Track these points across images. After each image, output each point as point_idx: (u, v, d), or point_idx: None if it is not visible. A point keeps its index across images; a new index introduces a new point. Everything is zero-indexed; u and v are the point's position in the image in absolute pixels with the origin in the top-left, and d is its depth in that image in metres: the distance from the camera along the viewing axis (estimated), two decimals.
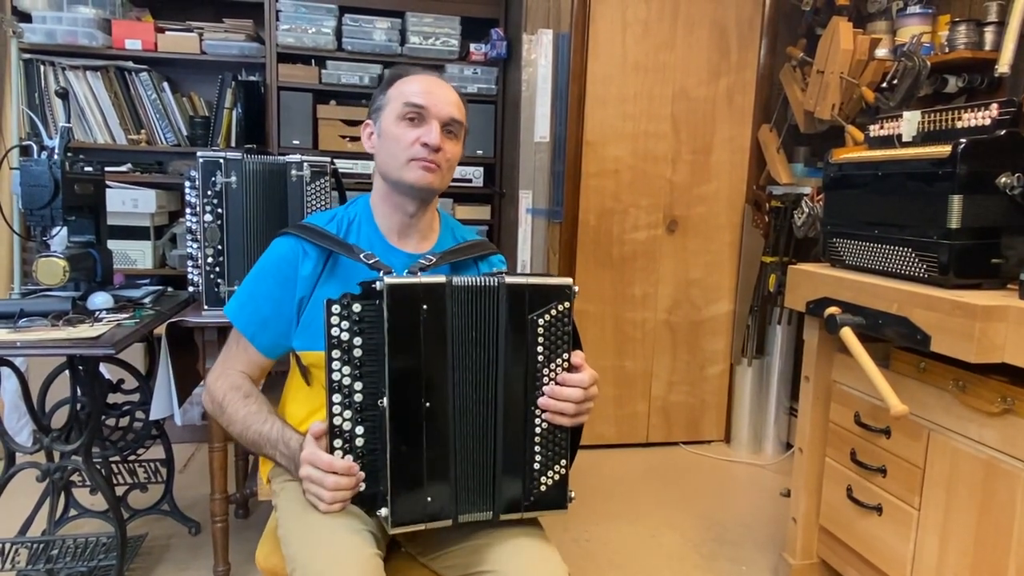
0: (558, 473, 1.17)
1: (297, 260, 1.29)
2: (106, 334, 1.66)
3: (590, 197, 3.03)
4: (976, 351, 1.42)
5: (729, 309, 3.23)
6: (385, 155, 1.30)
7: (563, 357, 1.16)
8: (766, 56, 3.09)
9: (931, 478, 1.65)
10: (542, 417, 1.15)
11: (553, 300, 1.14)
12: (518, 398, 1.14)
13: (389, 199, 1.33)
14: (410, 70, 1.34)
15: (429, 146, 1.25)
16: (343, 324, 1.08)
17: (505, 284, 1.13)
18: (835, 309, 1.77)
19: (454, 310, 1.11)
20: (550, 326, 1.14)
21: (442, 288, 1.11)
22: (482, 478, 1.13)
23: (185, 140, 2.99)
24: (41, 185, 1.78)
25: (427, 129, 1.26)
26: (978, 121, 1.62)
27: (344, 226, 1.34)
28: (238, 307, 1.32)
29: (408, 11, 3.06)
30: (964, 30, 2.32)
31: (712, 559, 2.30)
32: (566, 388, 1.15)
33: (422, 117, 1.27)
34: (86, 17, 2.80)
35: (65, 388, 2.07)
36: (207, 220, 1.87)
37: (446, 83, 1.33)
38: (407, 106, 1.27)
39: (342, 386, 1.08)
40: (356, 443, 1.09)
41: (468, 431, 1.12)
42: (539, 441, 1.15)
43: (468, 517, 1.13)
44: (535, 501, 1.16)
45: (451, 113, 1.29)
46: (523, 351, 1.13)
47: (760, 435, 3.21)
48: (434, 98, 1.28)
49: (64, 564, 1.92)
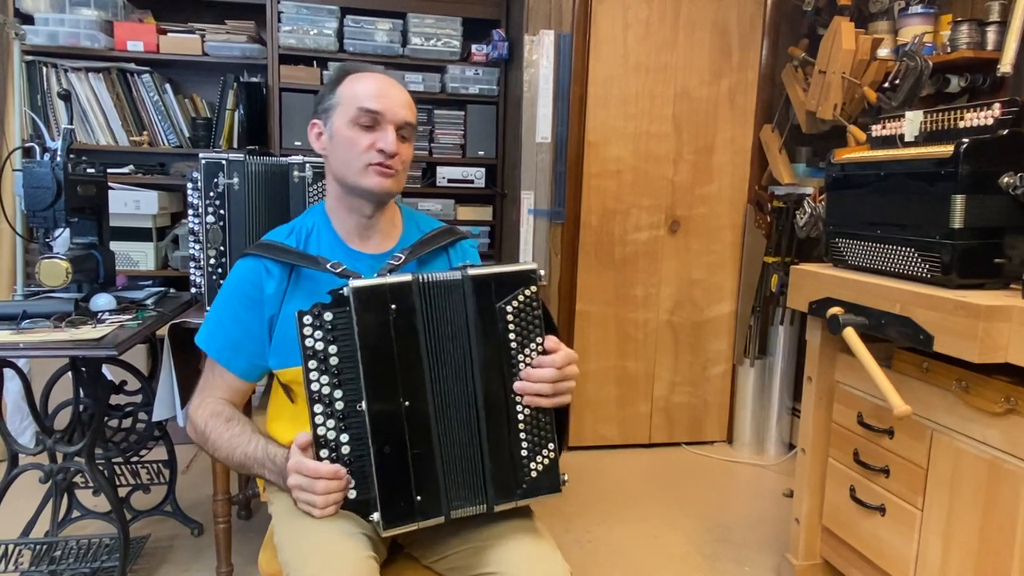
0: (547, 457, 1.16)
1: (260, 279, 1.27)
2: (109, 335, 1.66)
3: (592, 198, 3.03)
4: (979, 351, 1.42)
5: (731, 309, 3.23)
6: (339, 160, 1.27)
7: (536, 342, 1.16)
8: (768, 56, 3.09)
9: (934, 478, 1.65)
10: (522, 403, 1.14)
11: (519, 286, 1.14)
12: (497, 387, 1.14)
13: (345, 202, 1.31)
14: (359, 67, 1.31)
15: (385, 152, 1.23)
16: (316, 334, 1.08)
17: (469, 276, 1.13)
18: (838, 309, 1.77)
19: (424, 307, 1.11)
20: (519, 312, 1.14)
21: (408, 286, 1.11)
22: (471, 471, 1.13)
23: (187, 141, 3.00)
24: (44, 187, 1.78)
25: (383, 135, 1.24)
26: (980, 121, 1.62)
27: (303, 237, 1.32)
28: (208, 334, 1.31)
29: (409, 12, 3.07)
30: (966, 30, 2.32)
31: (715, 560, 2.30)
32: (539, 370, 1.14)
33: (377, 122, 1.24)
34: (88, 19, 2.81)
35: (68, 389, 2.08)
36: (209, 221, 1.87)
37: (397, 82, 1.30)
38: (361, 111, 1.24)
39: (322, 396, 1.08)
40: (342, 451, 1.09)
41: (451, 426, 1.12)
42: (523, 427, 1.15)
43: (461, 512, 1.12)
44: (527, 488, 1.15)
45: (405, 117, 1.26)
46: (495, 340, 1.13)
47: (763, 436, 3.20)
48: (389, 102, 1.25)
49: (67, 565, 1.92)
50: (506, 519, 1.21)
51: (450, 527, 1.20)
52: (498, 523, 1.20)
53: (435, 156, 3.19)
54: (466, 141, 3.21)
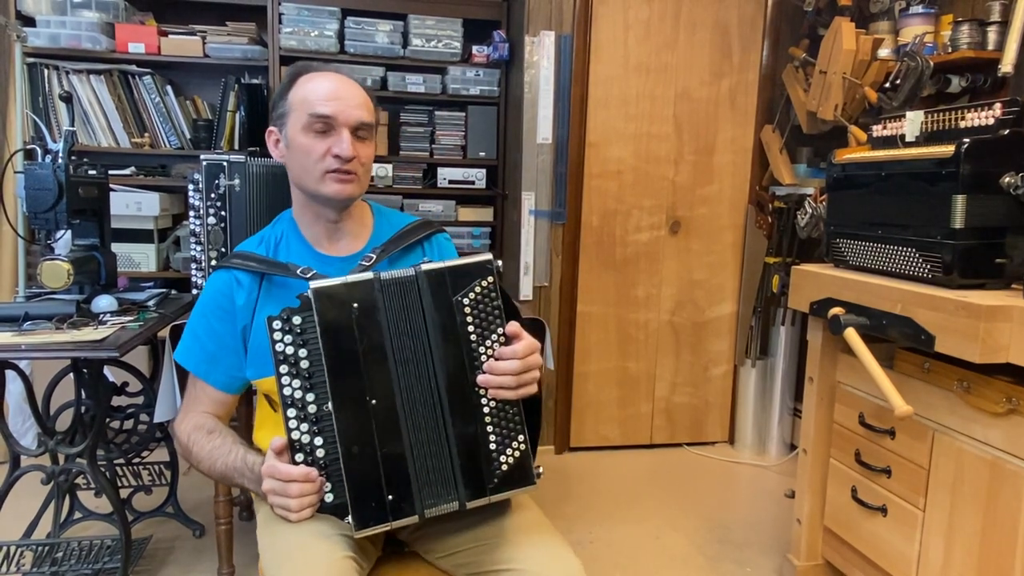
0: (517, 450, 1.14)
1: (231, 291, 1.27)
2: (110, 337, 1.66)
3: (593, 198, 3.03)
4: (980, 351, 1.42)
5: (732, 310, 3.23)
6: (297, 167, 1.26)
7: (497, 332, 1.14)
8: (768, 57, 3.09)
9: (936, 479, 1.65)
10: (487, 396, 1.13)
11: (475, 278, 1.13)
12: (460, 382, 1.12)
13: (309, 208, 1.30)
14: (309, 67, 1.28)
15: (341, 157, 1.21)
16: (286, 339, 1.08)
17: (423, 271, 1.12)
18: (839, 310, 1.77)
19: (386, 305, 1.11)
20: (476, 304, 1.13)
21: (369, 284, 1.10)
22: (441, 468, 1.11)
23: (188, 143, 3.00)
24: (45, 188, 1.79)
25: (337, 140, 1.21)
26: (981, 121, 1.62)
27: (272, 246, 1.32)
28: (185, 350, 1.30)
29: (410, 13, 3.07)
30: (967, 30, 2.32)
31: (716, 560, 2.30)
32: (502, 362, 1.12)
33: (330, 126, 1.22)
34: (90, 21, 2.81)
35: (69, 391, 2.08)
36: (210, 223, 1.88)
37: (350, 80, 1.27)
38: (313, 117, 1.21)
39: (295, 400, 1.08)
40: (317, 454, 1.08)
41: (419, 423, 1.11)
42: (490, 421, 1.13)
43: (434, 511, 1.11)
44: (499, 483, 1.13)
45: (360, 117, 1.23)
46: (455, 334, 1.12)
47: (764, 436, 3.20)
48: (340, 104, 1.22)
49: (69, 567, 1.92)
50: (516, 516, 1.21)
51: (458, 524, 1.20)
52: (508, 520, 1.20)
53: (436, 157, 3.19)
54: (467, 142, 3.21)
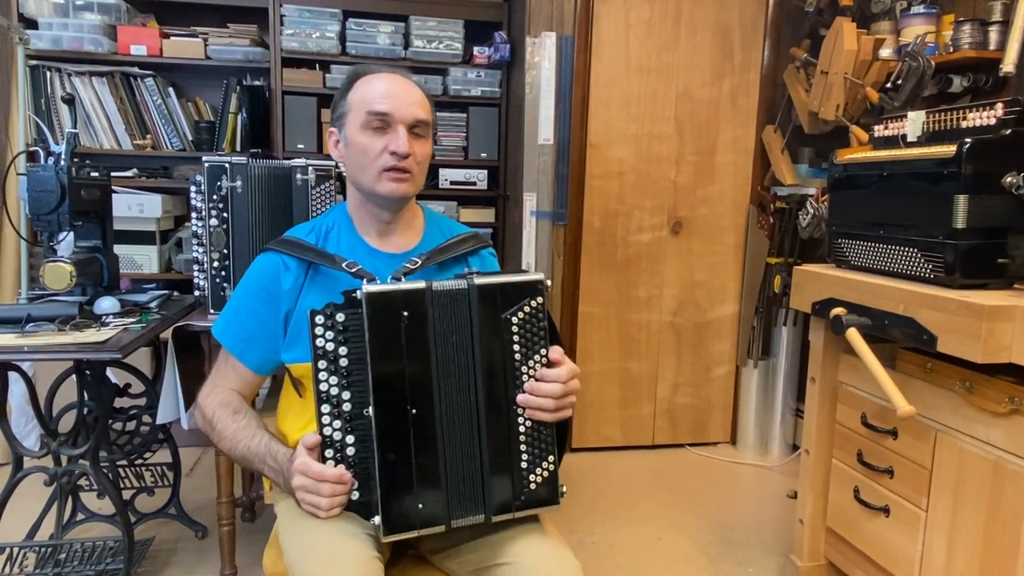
0: (546, 470, 1.16)
1: (278, 274, 1.27)
2: (113, 338, 1.66)
3: (594, 199, 3.03)
4: (983, 351, 1.41)
5: (734, 310, 3.23)
6: (354, 166, 1.27)
7: (540, 353, 1.15)
8: (770, 57, 3.09)
9: (938, 479, 1.64)
10: (524, 415, 1.14)
11: (525, 297, 1.14)
12: (499, 398, 1.13)
13: (364, 207, 1.32)
14: (369, 68, 1.30)
15: (398, 154, 1.22)
16: (327, 334, 1.08)
17: (476, 285, 1.12)
18: (841, 310, 1.77)
19: (435, 315, 1.11)
20: (524, 323, 1.14)
21: (422, 294, 1.10)
22: (472, 481, 1.12)
23: (190, 145, 3.00)
24: (48, 190, 1.79)
25: (393, 136, 1.23)
26: (983, 121, 1.61)
27: (323, 235, 1.33)
28: (224, 325, 1.31)
29: (411, 15, 3.07)
30: (968, 30, 2.32)
31: (719, 561, 2.29)
32: (544, 384, 1.14)
33: (387, 124, 1.24)
34: (92, 23, 2.82)
35: (72, 392, 2.08)
36: (213, 224, 1.88)
37: (408, 80, 1.29)
38: (370, 115, 1.23)
39: (330, 396, 1.09)
40: (347, 452, 1.09)
41: (455, 435, 1.11)
42: (524, 440, 1.14)
43: (461, 521, 1.12)
44: (526, 500, 1.15)
45: (416, 115, 1.25)
46: (500, 351, 1.13)
47: (766, 437, 3.20)
48: (397, 101, 1.24)
49: (72, 568, 1.92)
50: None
51: None
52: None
53: (437, 158, 3.19)
54: (468, 143, 3.21)
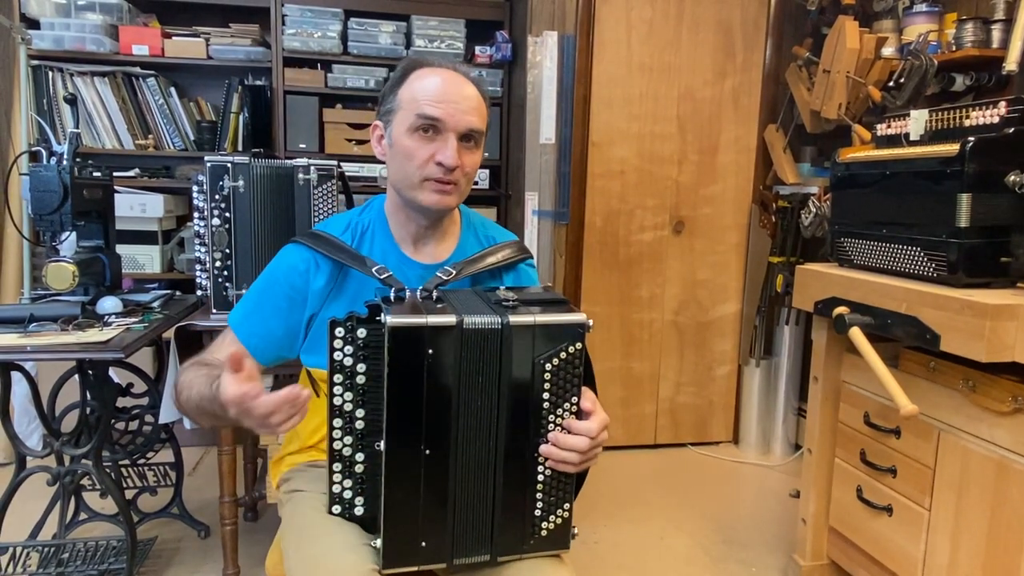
0: (560, 517, 1.11)
1: (309, 273, 1.21)
2: (115, 338, 1.66)
3: (596, 198, 3.03)
4: (986, 350, 1.41)
5: (736, 310, 3.22)
6: (397, 169, 1.19)
7: (572, 402, 1.07)
8: (772, 56, 3.08)
9: (942, 478, 1.64)
10: (545, 465, 1.08)
11: (564, 341, 1.04)
12: (520, 445, 1.06)
13: (403, 211, 1.25)
14: (424, 61, 1.19)
15: (445, 166, 1.14)
16: (346, 349, 1.03)
17: (511, 325, 1.02)
18: (844, 309, 1.76)
19: (463, 354, 1.02)
20: (558, 370, 1.05)
21: (450, 330, 1.01)
22: (480, 524, 1.07)
23: (192, 145, 3.01)
24: (50, 190, 1.79)
25: (442, 144, 1.14)
26: (986, 119, 1.61)
27: (358, 235, 1.26)
28: (243, 317, 1.24)
29: (413, 14, 3.07)
30: (971, 28, 2.31)
31: (721, 561, 2.29)
32: (571, 438, 1.05)
33: (437, 130, 1.15)
34: (93, 23, 2.82)
35: (75, 392, 2.08)
36: (215, 224, 1.88)
37: (466, 78, 1.19)
38: (421, 118, 1.14)
39: (343, 412, 1.05)
40: (355, 469, 1.06)
41: (469, 478, 1.06)
42: (541, 488, 1.08)
43: (464, 560, 1.08)
44: (535, 544, 1.11)
45: (470, 124, 1.16)
46: (528, 396, 1.05)
47: (769, 436, 3.20)
48: (452, 107, 1.14)
49: (75, 568, 1.93)
50: None
51: None
52: None
53: None
54: None
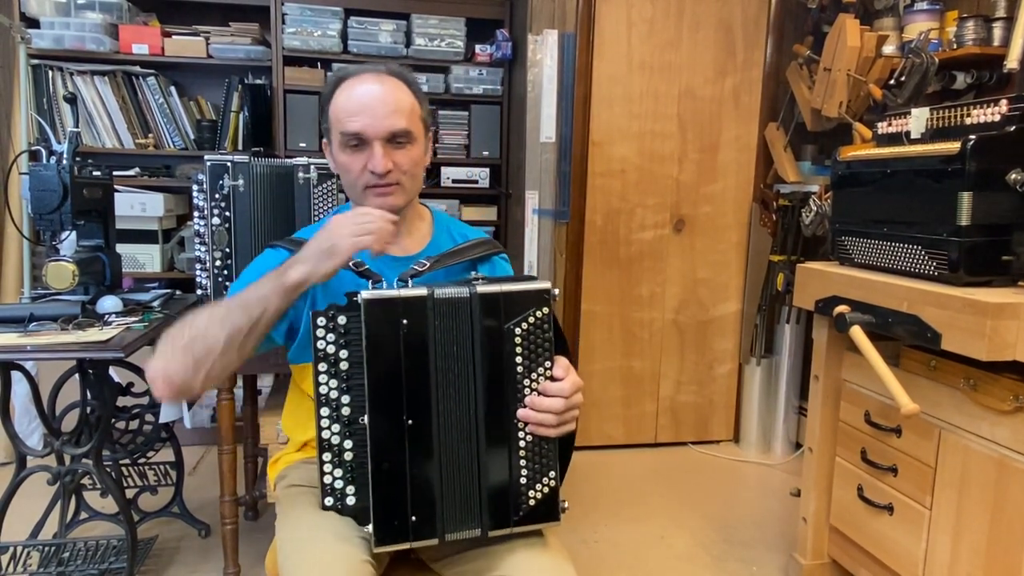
0: (547, 486, 1.13)
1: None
2: (115, 338, 1.66)
3: (597, 197, 3.03)
4: (987, 349, 1.41)
5: (737, 308, 3.22)
6: (344, 182, 1.26)
7: (544, 366, 1.12)
8: (772, 54, 3.08)
9: (943, 477, 1.64)
10: (525, 430, 1.11)
11: (530, 307, 1.10)
12: (499, 412, 1.10)
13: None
14: (348, 73, 1.23)
15: (376, 173, 1.19)
16: (329, 337, 1.06)
17: (478, 293, 1.09)
18: (844, 308, 1.76)
19: (436, 323, 1.08)
20: (528, 335, 1.10)
21: (423, 301, 1.07)
22: (468, 495, 1.10)
23: (192, 144, 3.00)
24: (50, 190, 1.79)
25: (371, 155, 1.19)
26: (987, 117, 1.61)
27: None
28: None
29: (413, 13, 3.07)
30: (972, 26, 2.30)
31: (722, 560, 2.29)
32: (546, 399, 1.10)
33: (363, 141, 1.19)
34: (93, 22, 2.82)
35: (75, 391, 2.08)
36: (215, 223, 1.88)
37: (387, 83, 1.21)
38: (345, 136, 1.20)
39: (330, 400, 1.07)
40: (345, 457, 1.07)
41: (452, 448, 1.09)
42: (524, 455, 1.11)
43: (455, 535, 1.10)
44: (524, 516, 1.12)
45: (392, 127, 1.19)
46: (501, 363, 1.10)
47: (769, 435, 3.19)
48: (368, 117, 1.18)
49: (75, 567, 1.93)
50: None
51: None
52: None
53: (439, 157, 3.19)
54: (470, 141, 3.20)
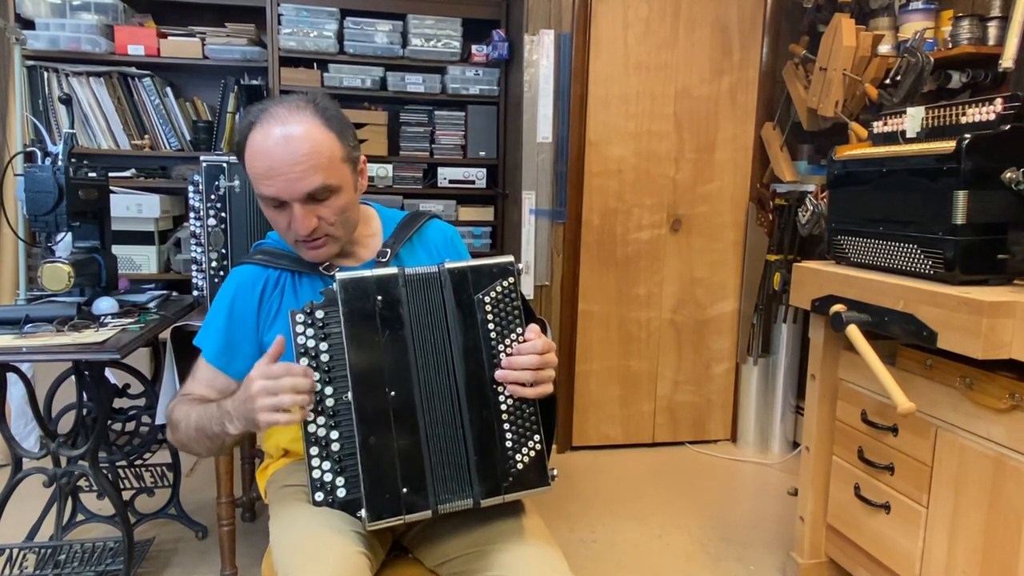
0: (533, 449, 1.15)
1: (267, 288, 1.29)
2: (111, 339, 1.66)
3: (593, 197, 3.03)
4: (983, 347, 1.41)
5: (734, 308, 3.22)
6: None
7: (516, 332, 1.17)
8: (768, 54, 3.08)
9: (939, 475, 1.64)
10: (505, 393, 1.15)
11: (496, 278, 1.17)
12: (478, 377, 1.14)
13: None
14: (254, 122, 1.17)
15: (299, 234, 1.20)
16: (308, 332, 1.11)
17: (447, 269, 1.16)
18: (841, 307, 1.76)
19: (409, 298, 1.14)
20: (497, 303, 1.17)
21: (395, 279, 1.14)
22: (456, 464, 1.12)
23: (188, 145, 3.00)
24: (45, 191, 1.79)
25: (290, 214, 1.19)
26: (982, 116, 1.61)
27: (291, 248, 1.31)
28: (217, 352, 1.28)
29: (409, 13, 3.07)
30: (967, 25, 2.31)
31: (720, 559, 2.29)
32: (520, 357, 1.14)
33: (281, 202, 1.18)
34: (89, 23, 2.81)
35: (71, 393, 2.08)
36: (211, 224, 1.88)
37: (297, 130, 1.15)
38: (263, 198, 1.20)
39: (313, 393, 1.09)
40: (332, 448, 1.09)
41: (436, 417, 1.12)
42: (507, 418, 1.15)
43: (448, 507, 1.11)
44: (514, 481, 1.14)
45: (305, 189, 1.16)
46: (475, 330, 1.15)
47: (766, 434, 3.20)
48: (282, 180, 1.15)
49: (72, 569, 1.92)
50: (510, 521, 1.20)
51: (452, 529, 1.20)
52: (501, 524, 1.19)
53: (436, 157, 3.19)
54: (467, 142, 3.20)
